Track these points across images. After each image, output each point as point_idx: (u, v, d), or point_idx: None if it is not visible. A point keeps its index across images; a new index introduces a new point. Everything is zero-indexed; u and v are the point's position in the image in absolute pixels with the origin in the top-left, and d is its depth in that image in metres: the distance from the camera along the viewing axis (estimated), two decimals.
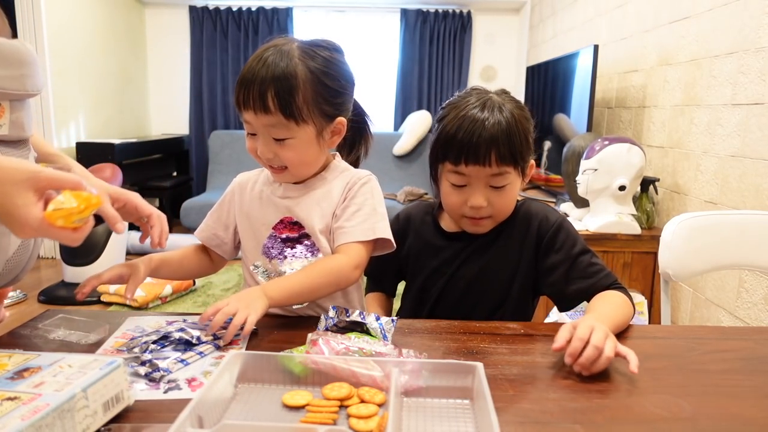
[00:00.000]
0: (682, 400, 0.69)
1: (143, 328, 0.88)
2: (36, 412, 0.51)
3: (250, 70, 0.90)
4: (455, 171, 1.00)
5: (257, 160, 0.97)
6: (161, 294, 2.94)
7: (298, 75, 0.89)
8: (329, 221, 0.99)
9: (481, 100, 1.01)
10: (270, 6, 4.82)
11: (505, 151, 0.97)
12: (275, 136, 0.92)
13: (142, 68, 4.94)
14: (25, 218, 0.62)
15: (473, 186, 1.01)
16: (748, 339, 0.90)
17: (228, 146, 4.59)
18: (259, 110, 0.89)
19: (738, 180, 1.73)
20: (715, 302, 1.82)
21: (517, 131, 0.99)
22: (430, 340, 0.85)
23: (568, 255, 1.03)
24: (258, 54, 0.92)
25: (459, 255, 1.09)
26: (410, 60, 4.90)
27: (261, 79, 0.88)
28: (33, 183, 0.63)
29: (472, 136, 0.97)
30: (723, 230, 1.28)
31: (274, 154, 0.93)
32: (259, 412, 0.64)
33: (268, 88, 0.88)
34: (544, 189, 3.16)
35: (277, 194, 1.01)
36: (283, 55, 0.90)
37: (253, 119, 0.91)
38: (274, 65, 0.89)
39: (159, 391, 0.69)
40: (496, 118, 0.98)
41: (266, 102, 0.88)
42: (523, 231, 1.07)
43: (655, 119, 2.33)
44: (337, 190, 1.00)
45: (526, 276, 1.07)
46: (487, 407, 0.57)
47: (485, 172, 0.99)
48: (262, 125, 0.91)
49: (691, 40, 2.05)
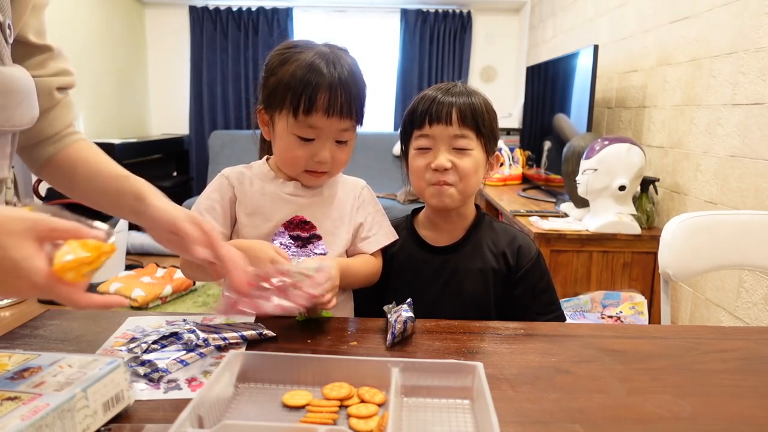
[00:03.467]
0: (682, 400, 0.69)
1: (143, 328, 0.88)
2: (36, 412, 0.51)
3: (319, 75, 0.91)
4: (421, 134, 1.06)
5: (294, 166, 0.97)
6: (161, 294, 2.94)
7: (361, 78, 0.95)
8: (338, 223, 1.02)
9: (448, 86, 1.08)
10: (270, 6, 4.82)
11: (467, 114, 1.03)
12: (343, 138, 0.96)
13: (142, 68, 4.94)
14: (28, 274, 0.52)
15: (437, 148, 1.04)
16: (748, 339, 0.90)
17: (228, 146, 4.59)
18: (345, 114, 0.93)
19: (738, 180, 1.73)
20: (715, 302, 1.82)
21: (479, 106, 1.05)
22: (430, 340, 0.85)
23: (534, 290, 1.09)
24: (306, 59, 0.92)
25: (444, 265, 1.09)
26: (410, 60, 4.90)
27: (345, 84, 0.92)
28: (33, 233, 0.53)
29: (435, 100, 1.04)
30: (723, 230, 1.28)
31: (333, 158, 0.96)
32: (259, 412, 0.64)
33: (350, 92, 0.92)
34: (544, 189, 3.16)
35: (286, 191, 1.01)
36: (340, 60, 0.94)
37: (328, 124, 0.93)
38: (343, 70, 0.92)
39: (159, 391, 0.69)
40: (460, 93, 1.05)
41: (351, 106, 0.93)
42: (496, 241, 1.10)
43: (655, 119, 2.33)
44: (343, 195, 1.04)
45: (497, 284, 1.09)
46: (487, 407, 0.57)
47: (448, 132, 1.03)
48: (335, 130, 0.94)
49: (691, 40, 2.05)
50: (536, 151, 3.37)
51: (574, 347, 0.84)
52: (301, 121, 0.92)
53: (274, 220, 0.99)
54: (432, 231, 1.13)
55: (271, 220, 0.99)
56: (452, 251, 1.10)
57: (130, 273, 3.17)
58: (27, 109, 0.74)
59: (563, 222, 2.24)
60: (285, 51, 0.96)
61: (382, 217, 1.08)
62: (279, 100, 0.94)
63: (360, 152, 2.31)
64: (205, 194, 1.02)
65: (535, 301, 1.08)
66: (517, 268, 1.08)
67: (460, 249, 1.10)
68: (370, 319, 0.94)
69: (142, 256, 3.76)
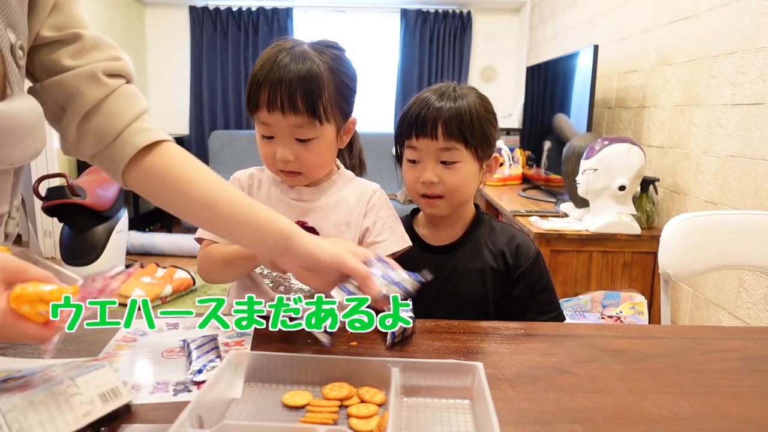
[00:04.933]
0: (682, 400, 0.69)
1: (143, 330, 0.88)
2: (28, 389, 0.53)
3: (269, 71, 0.90)
4: (409, 146, 1.06)
5: (268, 165, 0.97)
6: (161, 294, 2.94)
7: (322, 74, 0.91)
8: (342, 228, 0.99)
9: (441, 88, 1.06)
10: (270, 6, 4.83)
11: (453, 126, 1.01)
12: (300, 136, 0.92)
13: (142, 68, 4.94)
14: None
15: (424, 161, 1.04)
16: (748, 339, 0.90)
17: (228, 146, 4.59)
18: (288, 111, 0.89)
19: (738, 180, 1.73)
20: (715, 302, 1.82)
21: (470, 113, 1.02)
22: (430, 340, 0.85)
23: (533, 289, 1.09)
24: (270, 56, 0.91)
25: (442, 265, 1.09)
26: (410, 60, 4.90)
27: (288, 80, 0.89)
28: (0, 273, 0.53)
29: (421, 111, 1.03)
30: (723, 230, 1.28)
31: (294, 156, 0.93)
32: (259, 412, 0.64)
33: (296, 87, 0.89)
34: (544, 189, 3.16)
35: (290, 196, 1.00)
36: (302, 55, 0.91)
37: (276, 121, 0.91)
38: (297, 66, 0.89)
39: (168, 393, 0.68)
40: (449, 99, 1.03)
41: (295, 102, 0.89)
42: (495, 241, 1.10)
43: (655, 119, 2.33)
44: (351, 199, 1.01)
45: (495, 283, 1.09)
46: (487, 407, 0.57)
47: (434, 146, 1.02)
48: (287, 126, 0.91)
49: (691, 40, 2.05)
50: (536, 151, 3.37)
51: (574, 347, 0.84)
52: (257, 119, 0.93)
53: None
54: (431, 230, 1.13)
55: None
56: (451, 250, 1.10)
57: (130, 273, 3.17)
58: (31, 143, 0.69)
59: (563, 222, 2.24)
60: (265, 50, 0.96)
61: (394, 223, 1.03)
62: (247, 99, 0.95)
63: None
64: None
65: (533, 300, 1.09)
66: (516, 267, 1.08)
67: (459, 248, 1.10)
68: None
69: (142, 256, 3.76)
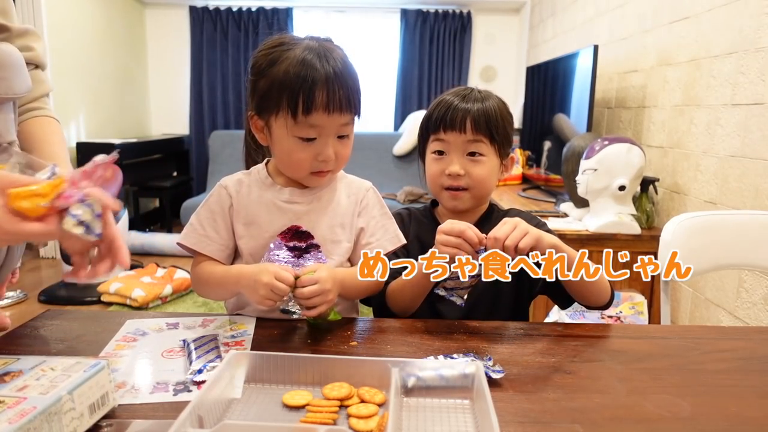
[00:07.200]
0: (682, 400, 0.69)
1: (143, 330, 0.88)
2: (23, 416, 0.51)
3: (312, 71, 0.87)
4: (436, 139, 1.10)
5: (302, 169, 0.94)
6: (161, 294, 2.94)
7: (354, 71, 0.93)
8: (337, 230, 0.98)
9: (464, 90, 1.10)
10: (270, 6, 4.83)
11: (481, 121, 1.06)
12: (344, 133, 0.94)
13: (142, 68, 4.94)
14: None
15: (451, 153, 1.08)
16: (748, 339, 0.90)
17: (228, 146, 4.58)
18: (345, 109, 0.90)
19: (738, 180, 1.73)
20: (715, 302, 1.82)
21: (494, 112, 1.07)
22: (430, 340, 0.85)
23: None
24: (300, 57, 0.88)
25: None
26: (410, 60, 4.90)
27: (338, 77, 0.88)
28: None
29: (450, 107, 1.08)
30: (723, 230, 1.28)
31: (336, 154, 0.93)
32: (259, 412, 0.64)
33: (345, 86, 0.89)
34: (544, 189, 3.16)
35: (282, 199, 0.97)
36: (326, 52, 0.90)
37: (327, 121, 0.89)
38: (334, 64, 0.89)
39: (168, 393, 0.69)
40: (475, 100, 1.08)
41: (348, 99, 0.90)
42: None
43: (654, 119, 2.33)
44: (344, 199, 1.00)
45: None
46: (487, 407, 0.57)
47: (462, 138, 1.06)
48: (336, 125, 0.91)
49: (691, 40, 2.05)
50: (536, 151, 3.37)
51: (574, 347, 0.84)
52: (301, 122, 0.88)
53: (270, 230, 0.95)
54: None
55: (268, 230, 0.95)
56: None
57: (130, 273, 3.17)
58: (24, 79, 0.85)
59: (563, 222, 2.24)
60: (271, 50, 0.91)
61: (387, 221, 1.02)
62: (274, 102, 0.89)
63: (360, 152, 2.31)
64: (205, 205, 1.00)
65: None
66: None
67: None
68: (370, 319, 0.94)
69: (142, 256, 3.76)
